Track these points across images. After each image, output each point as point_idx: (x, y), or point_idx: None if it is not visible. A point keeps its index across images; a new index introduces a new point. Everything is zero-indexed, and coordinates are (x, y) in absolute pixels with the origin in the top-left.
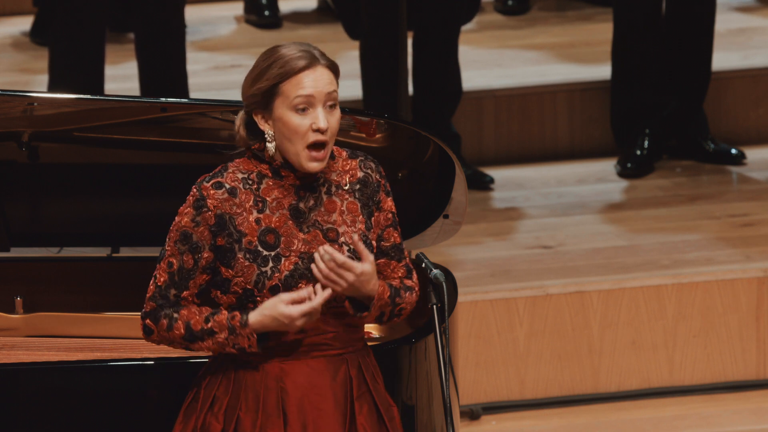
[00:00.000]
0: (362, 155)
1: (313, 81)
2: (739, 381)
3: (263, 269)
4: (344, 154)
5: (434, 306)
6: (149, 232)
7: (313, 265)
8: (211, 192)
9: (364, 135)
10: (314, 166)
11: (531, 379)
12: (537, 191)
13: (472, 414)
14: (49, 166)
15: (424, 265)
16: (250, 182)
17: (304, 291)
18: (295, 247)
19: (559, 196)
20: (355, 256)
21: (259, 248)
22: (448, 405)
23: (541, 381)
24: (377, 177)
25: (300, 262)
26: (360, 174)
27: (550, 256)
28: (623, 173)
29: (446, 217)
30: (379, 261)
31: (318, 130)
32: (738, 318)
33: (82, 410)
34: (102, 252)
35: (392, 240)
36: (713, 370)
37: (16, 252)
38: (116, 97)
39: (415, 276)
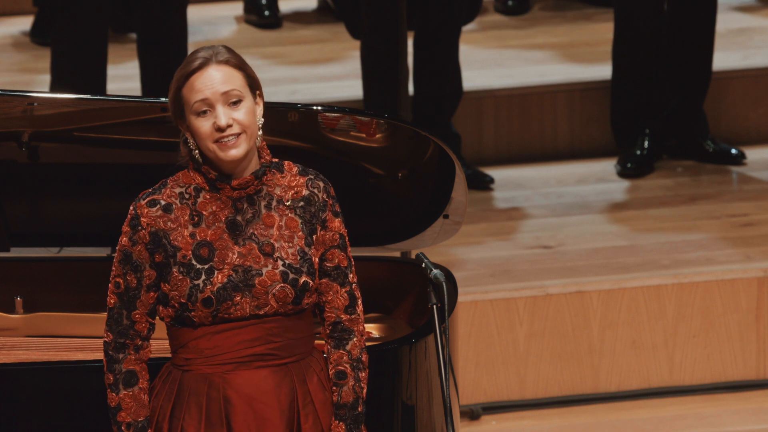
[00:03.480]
0: (313, 174)
1: (204, 82)
2: (739, 381)
3: (195, 282)
4: (294, 170)
5: (434, 306)
6: None
7: None
8: (145, 210)
9: (364, 135)
10: (231, 153)
11: (531, 379)
12: (537, 191)
13: (472, 414)
14: (49, 166)
15: (424, 265)
16: (187, 196)
17: None
18: (229, 260)
19: (559, 196)
20: (291, 270)
21: (193, 261)
22: (448, 405)
23: (541, 381)
24: (324, 197)
25: (234, 275)
26: (305, 192)
27: (550, 256)
28: (623, 173)
29: (446, 217)
30: (321, 281)
31: (219, 129)
32: (738, 318)
33: (82, 410)
34: (102, 252)
35: (336, 261)
36: (713, 370)
37: (16, 252)
38: (116, 97)
39: (359, 306)
